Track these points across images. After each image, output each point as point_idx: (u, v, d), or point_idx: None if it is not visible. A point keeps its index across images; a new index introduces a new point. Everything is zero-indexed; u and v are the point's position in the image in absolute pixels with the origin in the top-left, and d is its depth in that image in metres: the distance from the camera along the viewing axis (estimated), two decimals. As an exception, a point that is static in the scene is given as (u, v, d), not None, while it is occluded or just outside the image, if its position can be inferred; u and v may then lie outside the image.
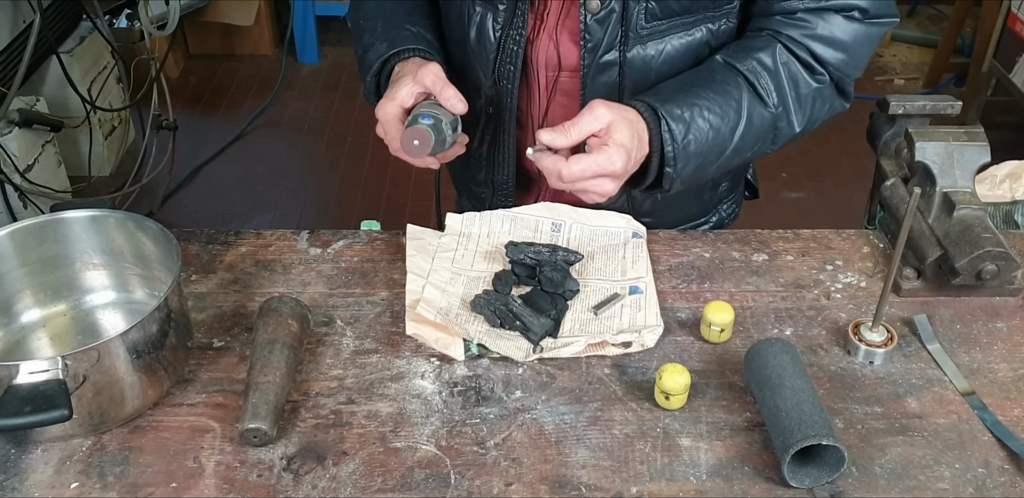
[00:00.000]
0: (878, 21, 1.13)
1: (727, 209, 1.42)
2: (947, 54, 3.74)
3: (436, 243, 1.22)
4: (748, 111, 1.11)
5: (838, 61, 1.13)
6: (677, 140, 1.07)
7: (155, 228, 1.04)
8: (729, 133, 1.10)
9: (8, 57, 2.54)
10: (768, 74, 1.11)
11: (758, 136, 1.13)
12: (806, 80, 1.13)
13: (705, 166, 1.12)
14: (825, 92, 1.15)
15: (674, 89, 1.11)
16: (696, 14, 1.14)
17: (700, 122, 1.08)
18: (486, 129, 1.27)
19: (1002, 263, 1.10)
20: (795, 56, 1.12)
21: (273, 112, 3.68)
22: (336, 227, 1.28)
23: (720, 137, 1.10)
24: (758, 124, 1.12)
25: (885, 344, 1.06)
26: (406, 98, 1.10)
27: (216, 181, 3.29)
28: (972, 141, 1.16)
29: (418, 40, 1.19)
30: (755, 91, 1.11)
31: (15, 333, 1.07)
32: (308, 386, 1.03)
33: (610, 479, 0.92)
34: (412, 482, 0.92)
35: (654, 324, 1.09)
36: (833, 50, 1.12)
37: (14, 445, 0.96)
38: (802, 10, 1.12)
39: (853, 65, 1.15)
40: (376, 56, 1.18)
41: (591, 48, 1.13)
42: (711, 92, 1.10)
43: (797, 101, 1.13)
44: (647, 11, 1.11)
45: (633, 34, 1.12)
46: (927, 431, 0.98)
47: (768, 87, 1.11)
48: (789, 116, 1.13)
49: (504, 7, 1.15)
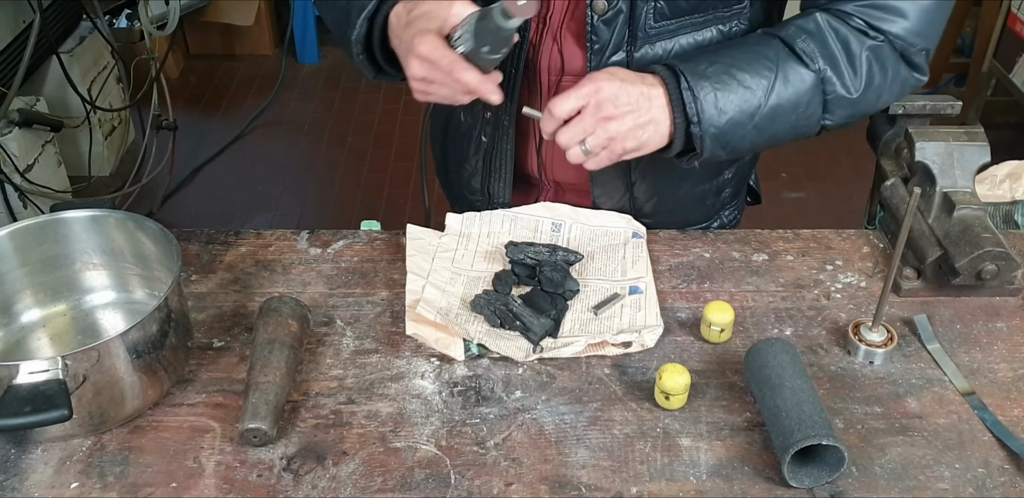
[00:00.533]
0: None
1: (729, 215, 1.41)
2: (947, 54, 3.73)
3: (436, 243, 1.22)
4: (783, 69, 1.03)
5: (905, 32, 1.05)
6: (699, 96, 1.01)
7: (155, 228, 1.04)
8: (764, 90, 1.03)
9: (8, 57, 2.54)
10: (809, 36, 1.04)
11: (799, 98, 1.05)
12: (859, 40, 1.04)
13: (737, 127, 1.04)
14: (884, 52, 1.06)
15: (695, 54, 1.06)
16: (706, 13, 1.11)
17: (724, 77, 1.02)
18: (483, 135, 1.26)
19: (1002, 263, 1.10)
20: (844, 22, 1.05)
21: (273, 112, 3.68)
22: (336, 227, 1.28)
23: (750, 93, 1.03)
24: (796, 84, 1.04)
25: (885, 344, 1.06)
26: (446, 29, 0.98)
27: (216, 181, 3.29)
28: (972, 141, 1.16)
29: None
30: (792, 51, 1.04)
31: (15, 333, 1.07)
32: (308, 386, 1.03)
33: (610, 479, 0.92)
34: (412, 482, 0.92)
35: (654, 324, 1.09)
36: (891, 16, 1.05)
37: (14, 445, 0.96)
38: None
39: (918, 33, 1.06)
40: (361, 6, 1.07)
41: (597, 50, 1.11)
42: (737, 51, 1.04)
43: (849, 63, 1.05)
44: (656, 10, 1.09)
45: (641, 34, 1.10)
46: (927, 431, 0.98)
47: (809, 49, 1.04)
48: (842, 79, 1.05)
49: None
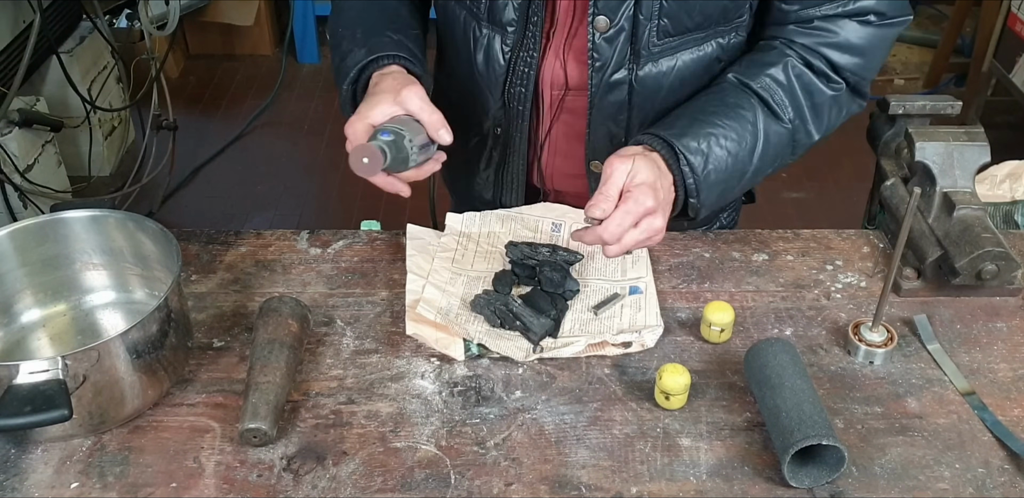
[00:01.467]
0: (893, 22, 1.12)
1: (727, 217, 1.41)
2: (947, 54, 3.73)
3: (436, 243, 1.21)
4: (765, 131, 1.10)
5: (855, 66, 1.13)
6: (698, 172, 1.07)
7: (155, 228, 1.04)
8: (748, 156, 1.10)
9: (8, 57, 2.54)
10: (782, 89, 1.11)
11: (777, 153, 1.13)
12: (820, 89, 1.12)
13: (728, 191, 1.12)
14: (841, 98, 1.15)
15: (687, 120, 1.09)
16: (708, 30, 1.12)
17: (718, 151, 1.07)
18: (494, 150, 1.26)
19: (1002, 263, 1.10)
20: (809, 66, 1.12)
21: (273, 112, 3.68)
22: (336, 227, 1.28)
23: (739, 161, 1.10)
24: (776, 142, 1.12)
25: (885, 344, 1.06)
26: (378, 118, 1.03)
27: (216, 181, 3.29)
28: (972, 141, 1.16)
29: (399, 47, 1.12)
30: (769, 109, 1.11)
31: (15, 333, 1.07)
32: (308, 386, 1.03)
33: (610, 479, 0.92)
34: (412, 482, 0.92)
35: (654, 324, 1.09)
36: (850, 56, 1.12)
37: (14, 445, 0.96)
38: (818, 18, 1.11)
39: (869, 68, 1.15)
40: (354, 62, 1.12)
41: (599, 67, 1.11)
42: (725, 118, 1.09)
43: (813, 111, 1.13)
44: (659, 28, 1.09)
45: (645, 52, 1.11)
46: (927, 431, 0.98)
47: (783, 102, 1.11)
48: (807, 127, 1.13)
49: (513, 29, 1.12)
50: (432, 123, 1.04)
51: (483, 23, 1.14)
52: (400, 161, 1.00)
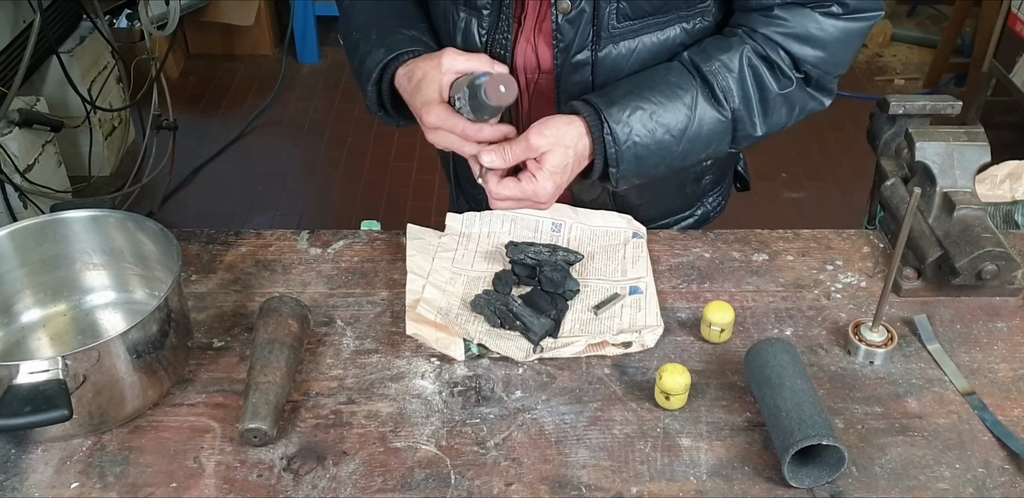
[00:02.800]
0: (860, 16, 1.10)
1: (713, 202, 1.41)
2: (947, 54, 3.73)
3: (436, 243, 1.22)
4: (700, 115, 1.09)
5: (817, 59, 1.11)
6: (619, 142, 1.07)
7: (155, 228, 1.04)
8: (677, 135, 1.09)
9: (8, 57, 2.54)
10: (731, 76, 1.10)
11: (711, 138, 1.11)
12: (770, 85, 1.11)
13: (652, 167, 1.11)
14: (794, 96, 1.12)
15: (623, 90, 1.09)
16: (669, 14, 1.13)
17: (644, 124, 1.07)
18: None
19: (1002, 263, 1.10)
20: (765, 58, 1.10)
21: (273, 112, 3.68)
22: (336, 227, 1.28)
23: (666, 139, 1.08)
24: (710, 127, 1.10)
25: (885, 344, 1.06)
26: (443, 93, 1.06)
27: (216, 181, 3.29)
28: (972, 141, 1.16)
29: (415, 43, 1.16)
30: (711, 92, 1.10)
31: (15, 333, 1.07)
32: (308, 386, 1.03)
33: (610, 479, 0.92)
34: (412, 482, 0.92)
35: (654, 324, 1.09)
36: (811, 48, 1.10)
37: (14, 445, 0.96)
38: (779, 5, 1.10)
39: (834, 62, 1.12)
40: (375, 62, 1.15)
41: (563, 48, 1.13)
42: (660, 95, 1.09)
43: (761, 104, 1.11)
44: (618, 11, 1.10)
45: (605, 34, 1.12)
46: (927, 431, 0.98)
47: (728, 89, 1.10)
48: (752, 118, 1.11)
49: (488, 12, 1.14)
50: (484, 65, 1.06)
51: (461, 6, 1.16)
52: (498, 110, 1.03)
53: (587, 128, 1.07)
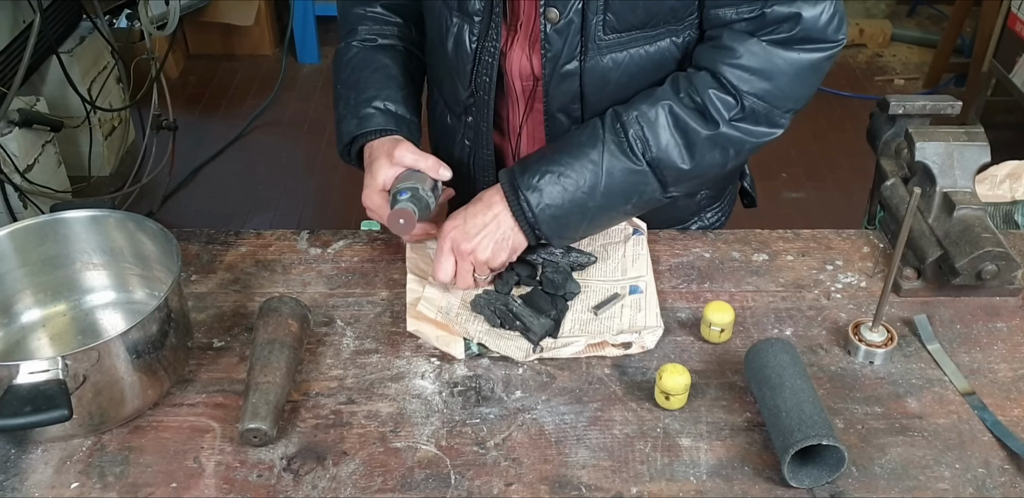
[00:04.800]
0: (814, 47, 1.07)
1: (712, 217, 1.40)
2: (947, 54, 3.73)
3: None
4: (607, 168, 1.09)
5: (760, 91, 1.08)
6: (532, 208, 1.10)
7: (155, 228, 1.04)
8: (588, 192, 1.10)
9: (8, 57, 2.54)
10: (647, 126, 1.09)
11: (628, 188, 1.11)
12: (695, 129, 1.09)
13: (572, 224, 1.12)
14: (719, 137, 1.09)
15: (537, 156, 1.13)
16: (658, 27, 1.12)
17: (553, 188, 1.10)
18: (466, 138, 1.28)
19: (1002, 263, 1.10)
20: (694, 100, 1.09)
21: (273, 112, 3.68)
22: (336, 227, 1.28)
23: (579, 197, 1.10)
24: (622, 177, 1.10)
25: (885, 344, 1.06)
26: (387, 182, 1.15)
27: (216, 181, 3.29)
28: (972, 141, 1.16)
29: (387, 119, 1.20)
30: (624, 143, 1.10)
31: (15, 333, 1.07)
32: (308, 386, 1.03)
33: (610, 479, 0.92)
34: (412, 482, 0.92)
35: (654, 325, 1.09)
36: (754, 79, 1.07)
37: (14, 445, 0.96)
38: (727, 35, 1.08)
39: (782, 96, 1.09)
40: (347, 131, 1.21)
41: (551, 58, 1.13)
42: (568, 156, 1.11)
43: (688, 149, 1.09)
44: (605, 23, 1.10)
45: (592, 45, 1.11)
46: (927, 431, 0.98)
47: (642, 138, 1.09)
48: (676, 163, 1.10)
49: (479, 20, 1.15)
50: (429, 168, 1.14)
51: (454, 12, 1.17)
52: (424, 208, 1.11)
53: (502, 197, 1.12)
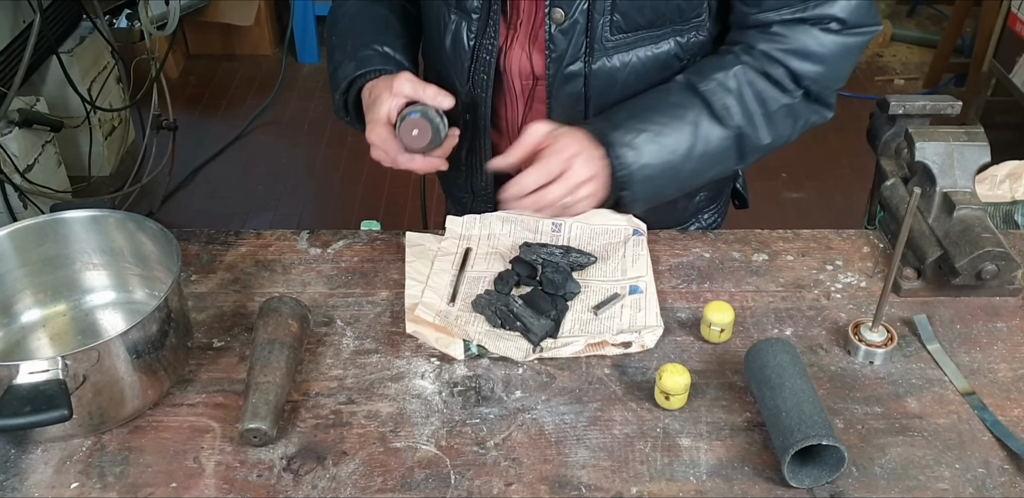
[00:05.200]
0: (857, 31, 1.10)
1: (708, 219, 1.40)
2: (947, 54, 3.73)
3: (436, 248, 1.22)
4: (705, 133, 1.09)
5: (816, 74, 1.11)
6: (627, 165, 1.06)
7: (155, 228, 1.04)
8: (684, 155, 1.09)
9: (8, 57, 2.54)
10: (730, 95, 1.09)
11: (718, 156, 1.11)
12: (775, 97, 1.11)
13: (663, 188, 1.11)
14: (797, 108, 1.12)
15: (625, 114, 1.10)
16: (663, 28, 1.12)
17: (651, 146, 1.07)
18: (464, 135, 1.27)
19: (1002, 263, 1.10)
20: (765, 73, 1.10)
21: (273, 112, 3.68)
22: (336, 227, 1.28)
23: (675, 159, 1.08)
24: (716, 144, 1.10)
25: (885, 344, 1.06)
26: (392, 113, 1.09)
27: (216, 181, 3.29)
28: (972, 141, 1.16)
29: (386, 61, 1.18)
30: (712, 112, 1.09)
31: (15, 333, 1.07)
32: (308, 386, 1.03)
33: (610, 479, 0.92)
34: (412, 482, 0.92)
35: (654, 324, 1.09)
36: (810, 64, 1.10)
37: (14, 445, 0.96)
38: (777, 23, 1.09)
39: (832, 77, 1.12)
40: (343, 76, 1.17)
41: (556, 58, 1.13)
42: (664, 116, 1.09)
43: (768, 118, 1.11)
44: (612, 24, 1.10)
45: (599, 46, 1.11)
46: (927, 431, 0.98)
47: (726, 107, 1.09)
48: (757, 133, 1.11)
49: (477, 17, 1.14)
50: (430, 96, 1.09)
51: (452, 9, 1.17)
52: (435, 130, 1.07)
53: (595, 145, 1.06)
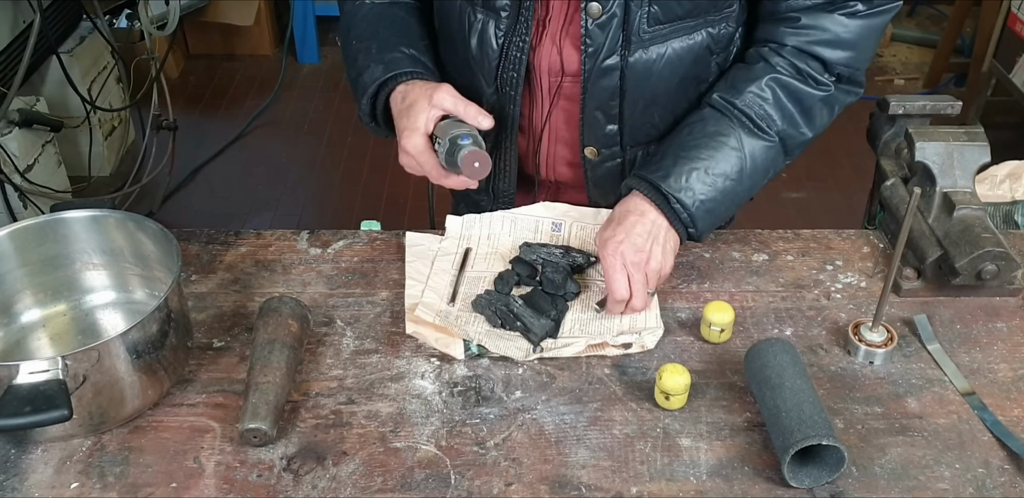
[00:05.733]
0: (880, 10, 1.12)
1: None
2: (947, 54, 3.73)
3: (436, 248, 1.21)
4: (750, 152, 1.13)
5: (846, 59, 1.14)
6: (688, 207, 1.11)
7: (155, 228, 1.04)
8: (736, 179, 1.13)
9: (8, 57, 2.54)
10: (766, 103, 1.13)
11: (766, 165, 1.15)
12: (809, 94, 1.14)
13: (724, 213, 1.15)
14: (831, 97, 1.16)
15: (671, 159, 1.13)
16: (697, 18, 1.13)
17: (704, 183, 1.11)
18: (487, 136, 1.26)
19: (1002, 263, 1.10)
20: (797, 72, 1.13)
21: (273, 112, 3.68)
22: (336, 227, 1.28)
23: (728, 186, 1.12)
24: (763, 157, 1.14)
25: (885, 344, 1.06)
26: (428, 125, 1.11)
27: (216, 181, 3.29)
28: (972, 141, 1.16)
29: (414, 63, 1.18)
30: (754, 125, 1.13)
31: (15, 333, 1.07)
32: (308, 386, 1.03)
33: (610, 479, 0.92)
34: (412, 482, 0.92)
35: (654, 326, 1.09)
36: (840, 51, 1.13)
37: (14, 445, 0.96)
38: (804, 11, 1.11)
39: (861, 59, 1.15)
40: (372, 79, 1.17)
41: (592, 53, 1.12)
42: (707, 149, 1.12)
43: (805, 115, 1.14)
44: (649, 15, 1.10)
45: (636, 38, 1.11)
46: (927, 431, 0.98)
47: (767, 116, 1.13)
48: (799, 130, 1.15)
49: (507, 14, 1.14)
50: (471, 114, 1.11)
51: (478, 8, 1.16)
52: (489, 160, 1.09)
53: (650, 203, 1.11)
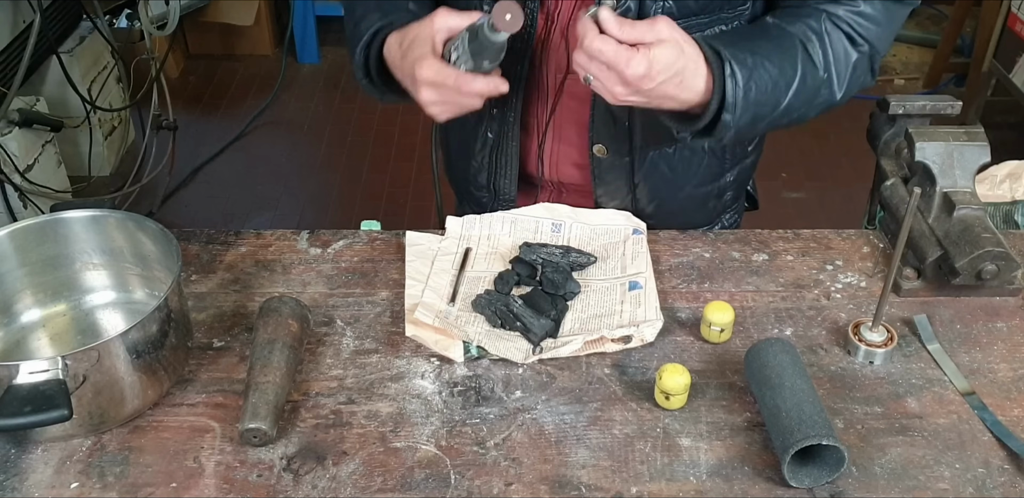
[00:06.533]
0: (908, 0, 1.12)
1: (729, 218, 1.40)
2: (947, 54, 3.73)
3: (436, 248, 1.21)
4: (803, 69, 1.09)
5: (875, 37, 1.12)
6: (739, 84, 1.03)
7: (155, 228, 1.04)
8: (785, 87, 1.08)
9: (8, 57, 2.54)
10: (818, 40, 1.10)
11: (808, 97, 1.11)
12: (848, 50, 1.12)
13: (759, 119, 1.08)
14: (862, 63, 1.13)
15: (734, 37, 1.08)
16: (712, 14, 1.12)
17: (761, 71, 1.05)
18: (489, 131, 1.25)
19: (1002, 263, 1.10)
20: (839, 28, 1.11)
21: (273, 112, 3.68)
22: (336, 227, 1.28)
23: (777, 89, 1.07)
24: (810, 84, 1.10)
25: (885, 344, 1.06)
26: (438, 46, 1.04)
27: (216, 181, 3.29)
28: (972, 141, 1.16)
29: (414, 16, 1.12)
30: (807, 53, 1.10)
31: (15, 333, 1.07)
32: (308, 386, 1.03)
33: (610, 479, 0.92)
34: (412, 482, 0.92)
35: (653, 318, 1.09)
36: (873, 26, 1.11)
37: (14, 445, 0.96)
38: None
39: (885, 42, 1.14)
40: (368, 26, 1.13)
41: None
42: (771, 45, 1.08)
43: (842, 68, 1.12)
44: (664, 10, 1.09)
45: None
46: (927, 431, 0.98)
47: (817, 52, 1.10)
48: (833, 81, 1.12)
49: None
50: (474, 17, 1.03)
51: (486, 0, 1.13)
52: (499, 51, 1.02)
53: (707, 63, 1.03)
